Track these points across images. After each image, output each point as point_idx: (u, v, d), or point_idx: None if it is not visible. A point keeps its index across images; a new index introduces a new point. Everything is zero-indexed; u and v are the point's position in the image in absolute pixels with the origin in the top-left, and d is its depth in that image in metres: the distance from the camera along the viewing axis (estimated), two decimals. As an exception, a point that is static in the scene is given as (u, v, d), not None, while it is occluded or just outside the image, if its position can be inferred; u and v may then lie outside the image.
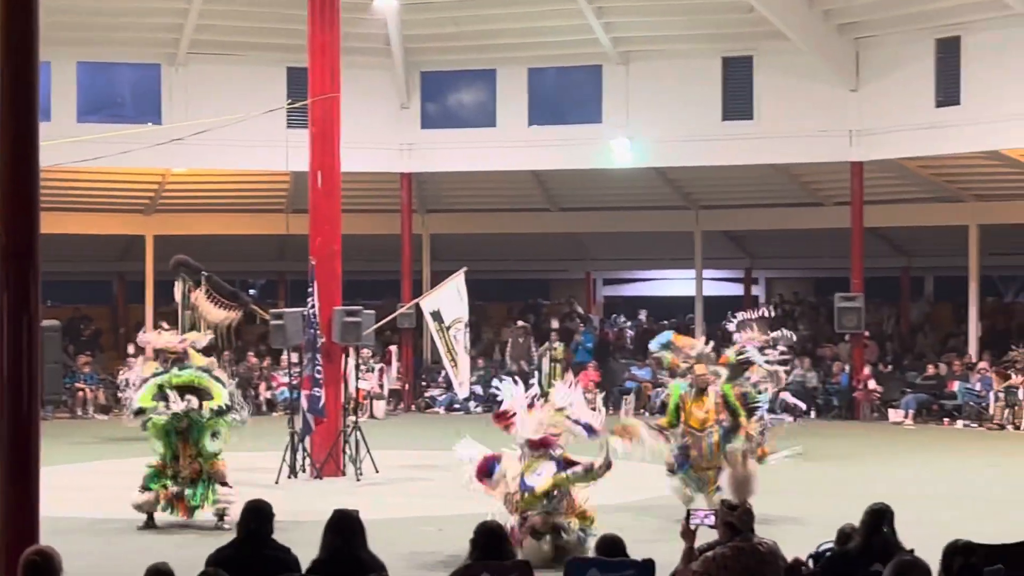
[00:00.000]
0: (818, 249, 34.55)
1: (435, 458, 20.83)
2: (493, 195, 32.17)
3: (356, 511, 8.35)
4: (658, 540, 10.50)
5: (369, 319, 20.06)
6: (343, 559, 8.03)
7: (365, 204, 29.81)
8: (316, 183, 19.73)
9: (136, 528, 14.43)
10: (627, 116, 28.07)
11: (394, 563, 8.59)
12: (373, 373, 28.34)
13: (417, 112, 29.29)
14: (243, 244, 33.31)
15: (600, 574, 8.23)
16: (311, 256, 19.42)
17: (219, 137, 24.43)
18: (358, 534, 8.21)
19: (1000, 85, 24.45)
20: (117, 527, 14.64)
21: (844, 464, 20.49)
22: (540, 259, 38.71)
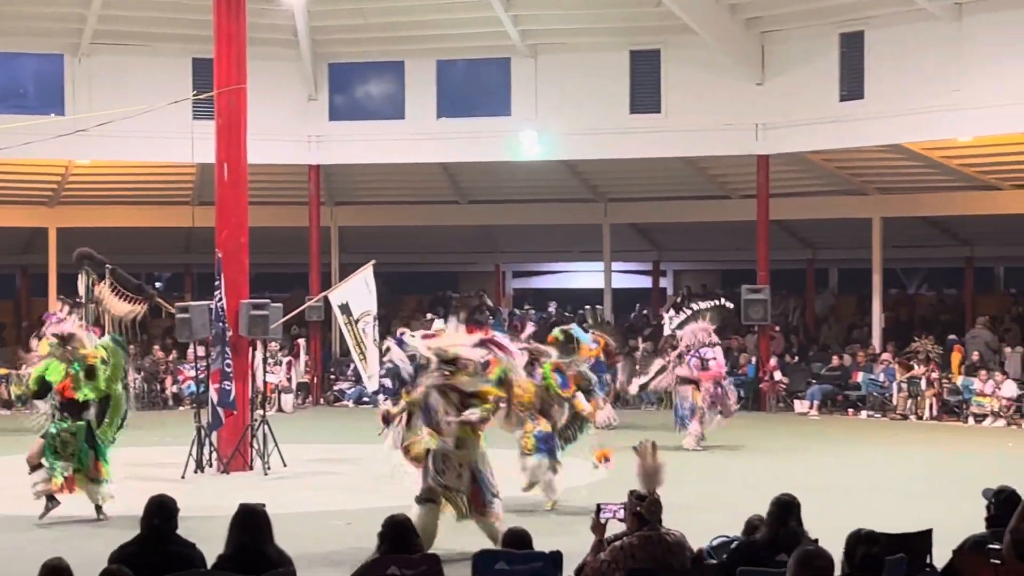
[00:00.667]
0: (725, 242, 34.90)
1: (343, 452, 20.83)
2: (402, 187, 32.10)
3: (263, 505, 8.29)
4: (566, 533, 10.54)
5: (277, 312, 19.93)
6: (249, 554, 7.97)
7: (273, 196, 29.62)
8: (222, 175, 19.55)
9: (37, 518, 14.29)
10: (535, 109, 28.10)
11: (302, 558, 8.54)
12: (281, 367, 28.17)
13: (325, 104, 29.10)
14: (149, 237, 32.97)
15: (508, 567, 8.24)
16: (218, 249, 19.24)
17: (124, 128, 24.10)
18: (264, 529, 8.15)
19: (903, 79, 24.78)
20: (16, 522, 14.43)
21: (750, 455, 20.70)
22: (449, 252, 38.75)
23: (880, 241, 29.51)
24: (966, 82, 23.81)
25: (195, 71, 26.78)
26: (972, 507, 9.35)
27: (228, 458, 18.52)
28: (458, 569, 8.43)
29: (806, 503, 8.54)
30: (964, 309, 33.45)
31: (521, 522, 9.04)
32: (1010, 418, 25.09)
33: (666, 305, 37.39)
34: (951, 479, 17.26)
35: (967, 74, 23.87)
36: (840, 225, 31.75)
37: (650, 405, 28.69)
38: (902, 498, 15.95)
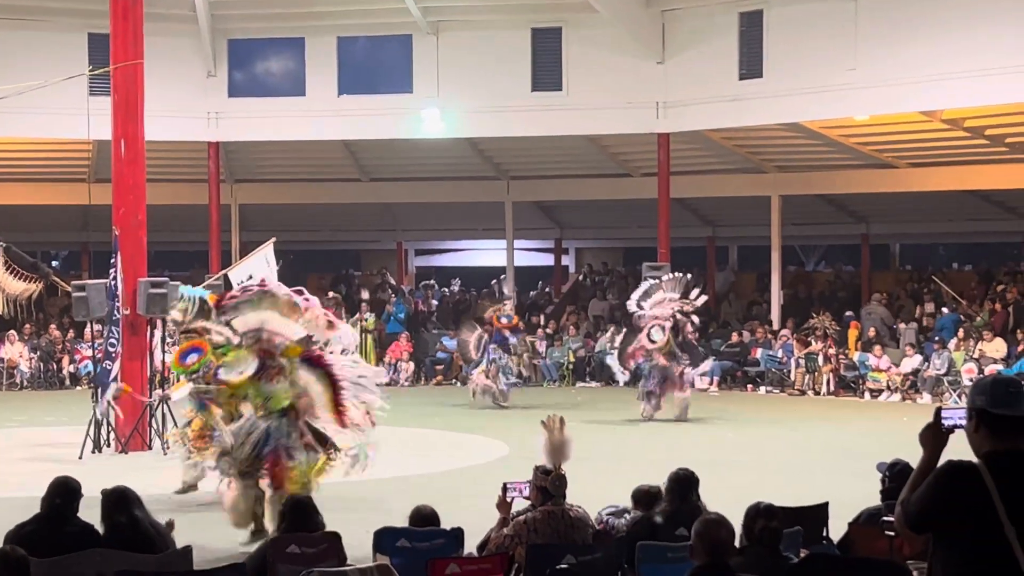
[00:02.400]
0: (626, 219, 35.12)
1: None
2: (303, 165, 31.88)
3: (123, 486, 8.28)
4: (469, 508, 10.55)
5: (176, 290, 19.70)
6: (134, 531, 7.94)
7: (172, 174, 29.26)
8: (119, 152, 19.28)
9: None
10: (437, 86, 28.02)
11: (204, 537, 8.48)
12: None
13: (224, 80, 28.78)
14: (45, 214, 32.48)
15: (410, 544, 8.27)
16: (115, 226, 18.99)
17: (18, 105, 23.64)
18: (135, 504, 8.12)
19: (801, 58, 25.05)
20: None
21: (648, 430, 20.86)
22: (351, 229, 38.59)
23: (779, 219, 29.83)
24: (862, 61, 24.14)
25: (91, 46, 26.36)
26: (867, 480, 9.51)
27: (126, 438, 18.31)
28: (360, 548, 8.43)
29: (705, 478, 8.63)
30: (860, 285, 33.94)
31: (432, 499, 9.04)
32: (905, 392, 25.53)
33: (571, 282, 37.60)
34: (847, 453, 17.52)
35: (863, 53, 24.19)
36: (739, 203, 32.06)
37: (552, 382, 28.86)
38: (799, 472, 16.17)
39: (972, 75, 22.74)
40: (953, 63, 22.86)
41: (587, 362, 29.30)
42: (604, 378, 28.72)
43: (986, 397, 4.65)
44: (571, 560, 7.61)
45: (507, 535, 7.95)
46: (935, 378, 25.19)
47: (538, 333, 29.97)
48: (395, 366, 29.39)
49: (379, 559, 7.98)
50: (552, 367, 29.16)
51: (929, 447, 4.79)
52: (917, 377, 25.66)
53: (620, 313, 31.52)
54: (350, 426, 11.64)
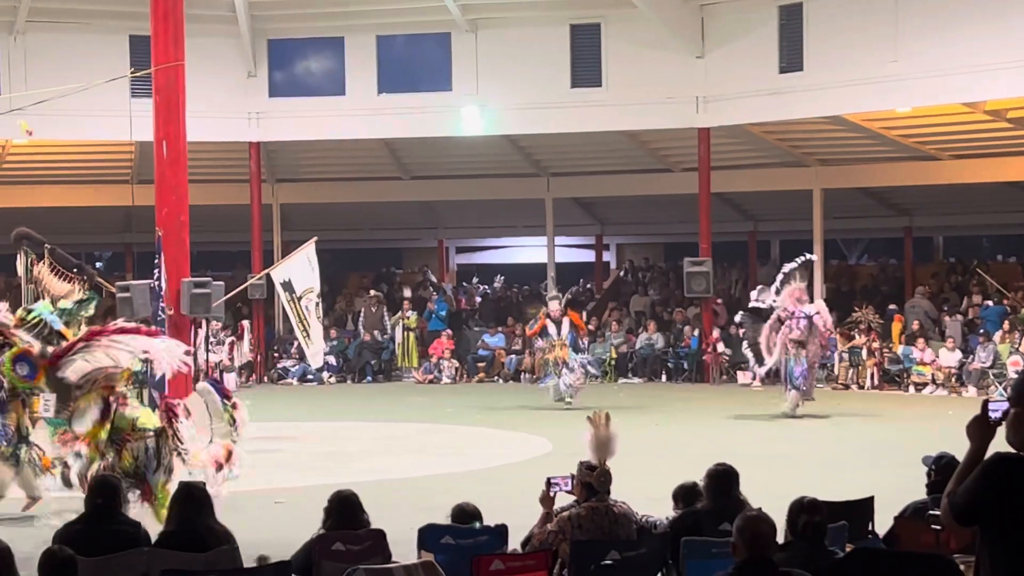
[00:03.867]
0: (667, 215, 35.02)
1: (287, 430, 20.79)
2: (344, 164, 31.96)
3: (203, 483, 8.30)
4: (513, 505, 10.55)
5: (219, 290, 19.79)
6: (192, 531, 7.96)
7: (213, 174, 29.38)
8: (161, 153, 19.37)
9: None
10: (476, 84, 28.04)
11: (245, 535, 8.51)
12: (223, 346, 28.01)
13: (265, 80, 28.90)
14: (88, 216, 32.69)
15: (454, 541, 8.28)
16: (158, 227, 19.08)
17: (61, 107, 23.75)
18: (206, 506, 8.15)
19: (841, 51, 24.91)
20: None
21: (693, 427, 20.81)
22: (392, 228, 38.66)
23: (821, 212, 29.69)
24: (904, 53, 23.98)
25: (132, 48, 26.50)
26: (913, 474, 9.45)
27: (172, 438, 18.38)
28: (404, 544, 8.44)
29: (749, 473, 8.61)
30: (904, 279, 33.74)
31: (475, 496, 9.07)
32: (951, 386, 25.37)
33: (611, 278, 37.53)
34: (892, 447, 17.43)
35: (905, 45, 24.04)
36: (781, 197, 31.92)
37: (594, 378, 28.82)
38: (844, 467, 16.09)
39: (1014, 66, 22.56)
40: (995, 54, 22.69)
41: (629, 358, 29.26)
42: (646, 374, 28.72)
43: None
44: (615, 556, 7.61)
45: (551, 531, 7.94)
46: (980, 371, 25.02)
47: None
48: (437, 364, 29.47)
49: (424, 556, 7.99)
50: (594, 363, 29.12)
51: (976, 440, 4.76)
52: (962, 370, 25.50)
53: (663, 309, 31.53)
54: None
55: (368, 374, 29.90)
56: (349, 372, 30.06)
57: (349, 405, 25.17)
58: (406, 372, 29.98)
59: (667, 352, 29.04)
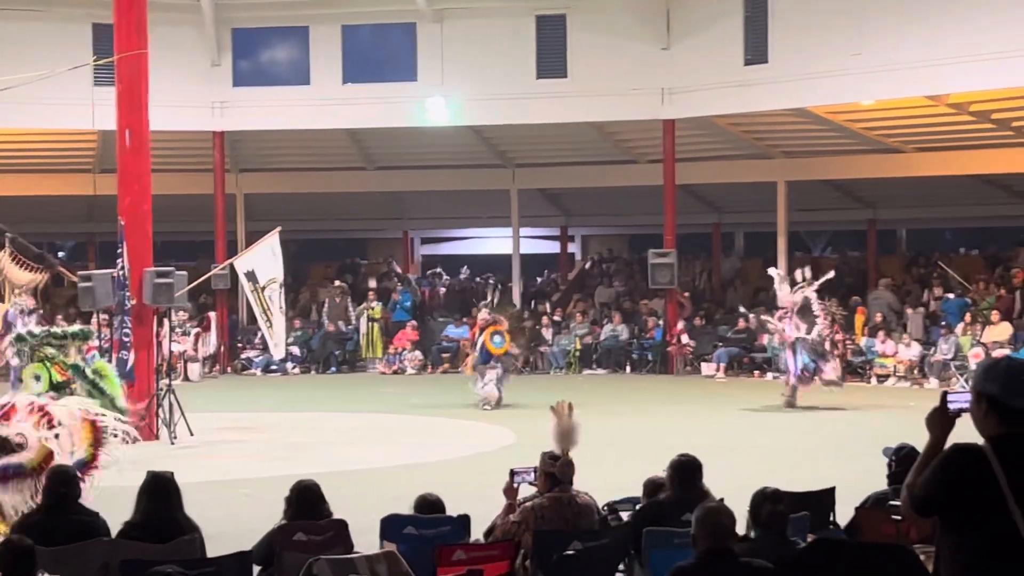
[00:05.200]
0: (632, 206, 35.06)
1: (250, 420, 20.73)
2: (308, 154, 31.87)
3: (171, 473, 8.26)
4: (475, 496, 10.55)
5: (182, 280, 19.74)
6: (157, 521, 7.93)
7: (177, 164, 29.24)
8: (124, 142, 19.29)
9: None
10: (442, 74, 28.00)
11: (208, 526, 8.48)
12: (188, 336, 27.93)
13: (229, 70, 28.77)
14: (50, 205, 32.47)
15: (416, 531, 8.27)
16: (120, 216, 19.00)
17: (23, 95, 23.58)
18: (173, 496, 8.12)
19: (806, 43, 24.98)
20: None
21: (656, 417, 20.85)
22: (357, 218, 38.57)
23: (785, 204, 29.79)
24: (867, 46, 24.07)
25: (95, 36, 26.33)
26: (874, 465, 9.49)
27: (133, 427, 18.30)
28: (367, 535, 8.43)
29: (711, 464, 8.63)
30: (867, 271, 33.89)
31: (438, 487, 9.06)
32: (913, 378, 25.50)
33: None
34: (854, 438, 17.50)
35: (868, 38, 24.13)
36: (746, 189, 32.01)
37: (559, 369, 28.88)
38: (806, 457, 16.17)
39: (978, 59, 22.66)
40: (959, 47, 22.79)
41: (594, 349, 29.31)
42: (611, 365, 28.77)
43: (999, 385, 4.61)
44: (578, 546, 7.62)
45: (514, 521, 7.94)
46: (942, 363, 25.16)
47: (543, 320, 30.01)
48: (400, 355, 29.44)
49: (386, 546, 7.98)
50: (559, 355, 29.17)
51: (935, 431, 4.78)
52: (923, 362, 25.65)
53: (628, 300, 31.59)
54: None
55: (332, 365, 29.83)
56: (313, 363, 29.98)
57: (313, 396, 25.12)
58: (370, 363, 29.93)
59: (632, 343, 29.09)
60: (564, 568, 7.53)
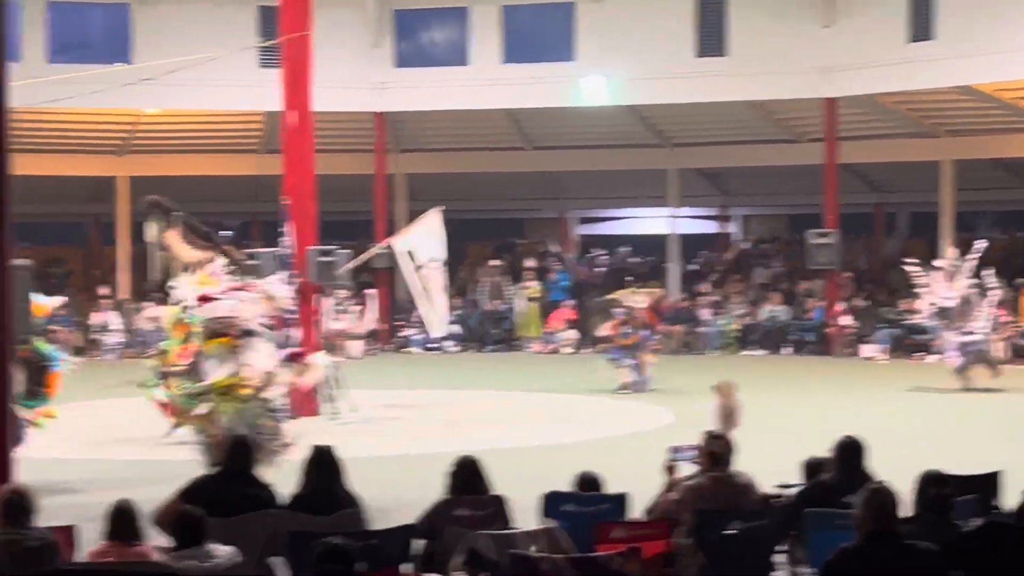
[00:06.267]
0: (792, 186, 34.59)
1: (410, 398, 20.99)
2: (467, 134, 32.06)
3: (332, 447, 8.42)
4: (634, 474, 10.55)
5: (344, 259, 20.06)
6: (323, 494, 8.09)
7: (339, 144, 29.66)
8: (289, 123, 19.63)
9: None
10: (600, 54, 27.95)
11: (370, 500, 8.63)
12: (349, 314, 28.32)
13: (390, 51, 29.11)
14: (216, 185, 33.15)
15: (576, 508, 8.32)
16: (284, 196, 19.36)
17: (191, 77, 24.18)
18: (337, 470, 8.27)
19: (973, 20, 24.43)
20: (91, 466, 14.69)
21: (815, 399, 20.63)
22: (515, 198, 38.63)
23: (950, 184, 29.19)
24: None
25: (261, 19, 26.85)
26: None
27: (298, 403, 18.67)
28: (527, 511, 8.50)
29: (873, 445, 8.52)
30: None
31: (597, 465, 9.10)
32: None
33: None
34: (1021, 422, 17.13)
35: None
36: (909, 168, 31.40)
37: (715, 350, 28.71)
38: (971, 441, 15.85)
39: None
40: None
41: (752, 330, 29.07)
42: (769, 346, 28.51)
43: None
44: (738, 526, 7.60)
45: (674, 500, 7.95)
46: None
47: (701, 301, 29.86)
48: (556, 334, 29.54)
49: (546, 523, 8.05)
50: (715, 336, 29.00)
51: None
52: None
53: (787, 281, 31.24)
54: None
55: (489, 343, 30.05)
56: (471, 341, 30.24)
57: (471, 374, 25.34)
58: (527, 342, 30.07)
59: (790, 324, 28.80)
60: (724, 547, 7.52)
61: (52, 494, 8.55)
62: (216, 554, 6.84)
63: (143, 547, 6.94)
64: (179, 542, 6.91)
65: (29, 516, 6.80)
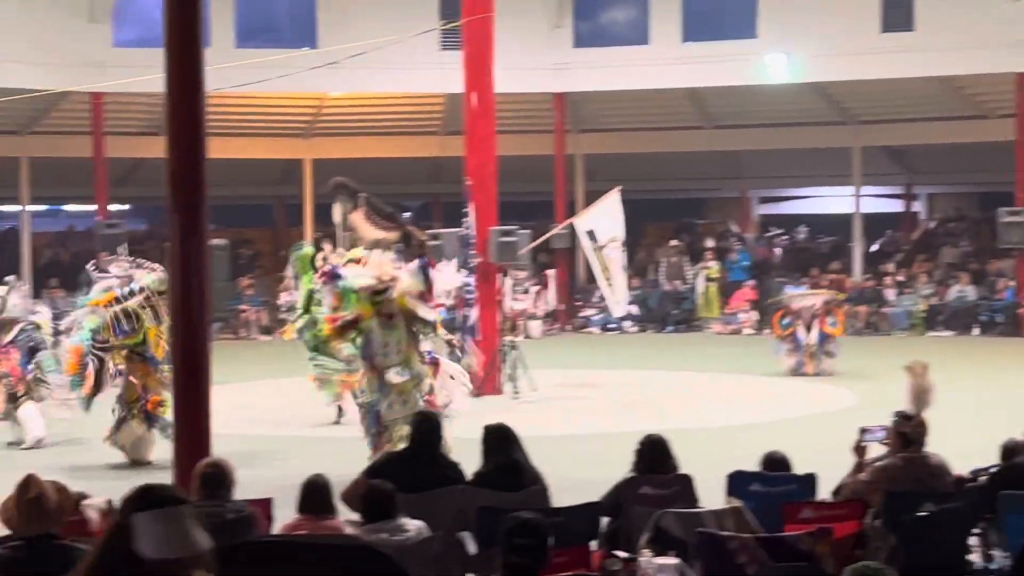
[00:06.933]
0: (981, 163, 33.68)
1: (590, 377, 21.03)
2: (646, 113, 31.90)
3: (510, 427, 8.51)
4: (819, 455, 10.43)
5: (524, 239, 20.18)
6: (506, 472, 8.16)
7: (518, 125, 29.77)
8: (470, 104, 19.80)
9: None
10: (783, 30, 27.58)
11: (552, 478, 8.68)
12: (528, 294, 28.51)
13: (570, 31, 29.14)
14: (398, 167, 33.59)
15: (762, 487, 8.26)
16: (466, 177, 19.54)
17: (374, 60, 24.51)
18: (519, 448, 8.35)
19: None
20: (279, 442, 15.04)
21: (1007, 381, 20.12)
22: (695, 178, 38.39)
23: None
24: None
25: (442, 2, 27.09)
26: None
27: (480, 382, 18.87)
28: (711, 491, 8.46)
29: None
30: None
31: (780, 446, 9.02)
32: None
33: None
34: None
35: None
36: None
37: (901, 330, 28.17)
38: None
39: None
40: None
41: (939, 311, 28.46)
42: (958, 327, 27.89)
43: None
44: (931, 508, 7.45)
45: (864, 481, 7.83)
46: None
47: (886, 281, 29.33)
48: (737, 315, 29.30)
49: (732, 502, 8.00)
50: (902, 316, 28.46)
51: None
52: None
53: (975, 261, 30.49)
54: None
55: (669, 324, 29.95)
56: (650, 321, 30.16)
57: (650, 354, 25.28)
58: (707, 322, 29.90)
59: (980, 305, 28.13)
60: (916, 530, 7.38)
61: (244, 468, 8.75)
62: (406, 528, 6.96)
63: (335, 520, 7.10)
64: (369, 517, 7.04)
65: (228, 489, 6.99)
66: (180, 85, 8.50)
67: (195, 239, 8.44)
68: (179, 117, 8.53)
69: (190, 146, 8.50)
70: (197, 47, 8.58)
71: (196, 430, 8.42)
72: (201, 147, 8.54)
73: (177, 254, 8.41)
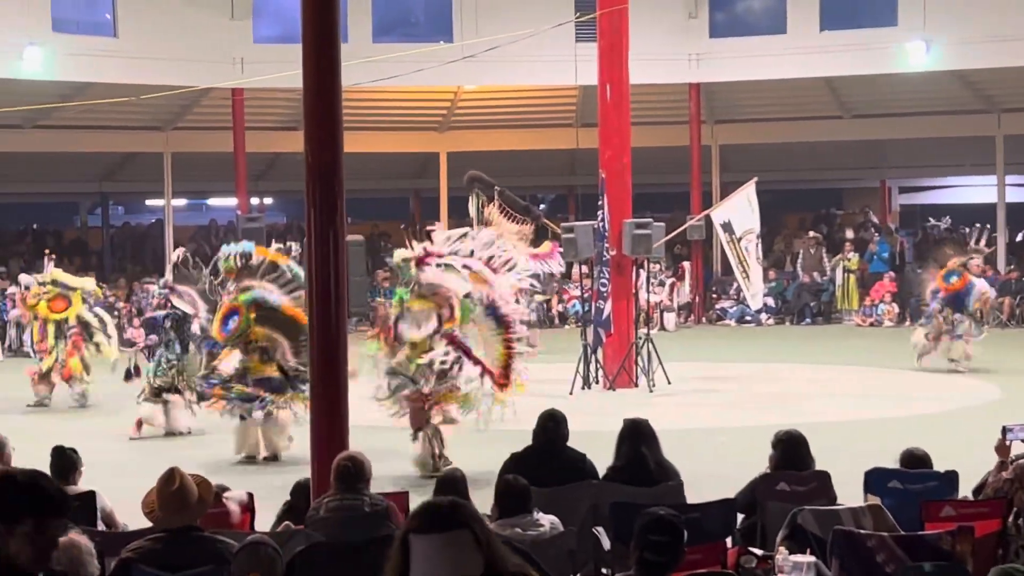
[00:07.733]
0: None
1: (726, 370, 20.88)
2: (783, 103, 31.53)
3: (646, 420, 8.46)
4: (960, 452, 10.25)
5: (659, 231, 20.07)
6: (640, 465, 8.14)
7: (653, 116, 29.65)
8: (605, 96, 19.75)
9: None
10: (923, 17, 27.05)
11: (688, 472, 8.64)
12: (664, 287, 28.39)
13: (705, 21, 28.91)
14: (533, 159, 33.66)
15: (901, 485, 8.13)
16: (601, 169, 19.50)
17: (508, 53, 24.57)
18: (653, 442, 8.32)
19: None
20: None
21: None
22: (833, 168, 37.89)
23: None
24: None
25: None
26: None
27: (614, 375, 18.85)
28: (849, 487, 8.35)
29: None
30: None
31: (920, 442, 8.87)
32: None
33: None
34: None
35: None
36: None
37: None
38: None
39: None
40: None
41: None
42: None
43: None
44: (1080, 508, 7.28)
45: (1007, 479, 7.67)
46: None
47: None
48: (876, 307, 28.87)
49: (870, 499, 7.89)
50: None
51: None
52: None
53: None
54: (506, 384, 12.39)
55: (807, 316, 29.62)
56: (787, 314, 29.87)
57: (788, 347, 25.02)
58: (846, 315, 29.50)
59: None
60: (1062, 530, 7.22)
61: (378, 462, 8.85)
62: (540, 523, 6.98)
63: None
64: (504, 511, 7.06)
65: (365, 482, 7.07)
66: (318, 80, 8.61)
67: (332, 233, 8.54)
68: (317, 112, 8.65)
69: (328, 140, 8.60)
70: (335, 43, 8.68)
71: (334, 424, 8.51)
72: (338, 141, 8.65)
73: (315, 247, 8.52)
